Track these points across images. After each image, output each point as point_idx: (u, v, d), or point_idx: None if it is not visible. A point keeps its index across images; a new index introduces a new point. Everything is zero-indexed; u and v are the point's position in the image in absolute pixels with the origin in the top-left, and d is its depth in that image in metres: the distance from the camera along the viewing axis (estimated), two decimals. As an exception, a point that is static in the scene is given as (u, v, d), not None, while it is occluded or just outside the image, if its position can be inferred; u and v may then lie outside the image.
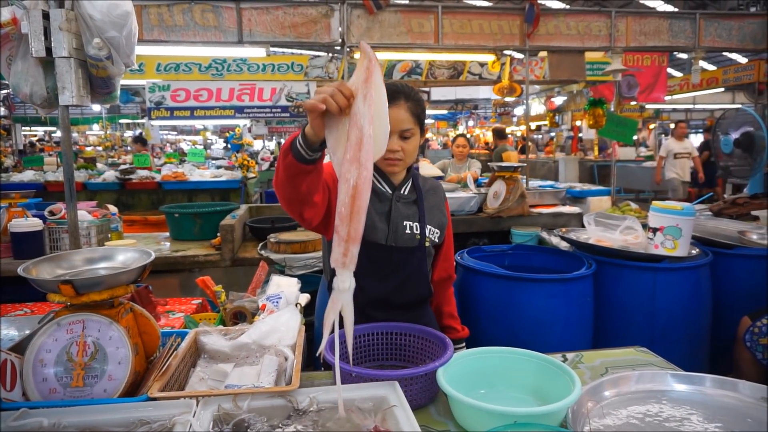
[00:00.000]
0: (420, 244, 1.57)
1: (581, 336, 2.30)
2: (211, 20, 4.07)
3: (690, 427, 1.11)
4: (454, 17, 4.47)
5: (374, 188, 1.55)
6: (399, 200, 1.59)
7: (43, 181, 6.19)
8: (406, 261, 1.56)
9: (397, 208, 1.57)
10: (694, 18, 4.85)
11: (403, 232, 1.55)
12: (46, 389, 1.12)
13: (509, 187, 3.73)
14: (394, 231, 1.55)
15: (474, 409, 1.09)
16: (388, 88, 1.44)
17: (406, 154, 1.50)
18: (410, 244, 1.56)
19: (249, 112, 6.60)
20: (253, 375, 1.26)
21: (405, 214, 1.58)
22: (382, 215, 1.56)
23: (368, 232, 1.50)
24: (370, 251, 1.51)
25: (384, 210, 1.57)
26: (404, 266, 1.56)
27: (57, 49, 1.61)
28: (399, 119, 1.46)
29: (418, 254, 1.57)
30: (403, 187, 1.61)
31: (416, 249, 1.57)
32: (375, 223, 1.53)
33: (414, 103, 1.49)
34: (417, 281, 1.59)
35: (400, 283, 1.57)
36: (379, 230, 1.54)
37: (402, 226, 1.56)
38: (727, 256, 2.60)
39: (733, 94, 11.67)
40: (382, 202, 1.57)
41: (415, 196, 1.61)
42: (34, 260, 1.21)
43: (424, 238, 1.57)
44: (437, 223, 1.63)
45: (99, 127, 15.41)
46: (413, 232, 1.56)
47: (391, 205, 1.57)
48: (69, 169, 1.79)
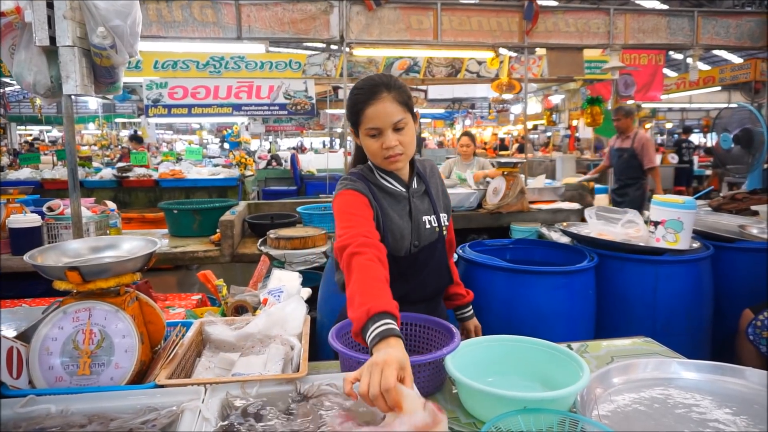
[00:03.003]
0: (440, 236, 1.54)
1: (583, 328, 2.30)
2: (209, 16, 4.06)
3: (699, 413, 1.11)
4: (453, 14, 4.48)
5: (389, 190, 1.49)
6: (414, 196, 1.52)
7: (40, 179, 6.16)
8: (429, 257, 1.52)
9: (415, 206, 1.51)
10: (692, 16, 4.87)
11: (424, 229, 1.51)
12: (53, 377, 1.12)
13: (509, 183, 3.73)
14: (417, 230, 1.50)
15: (483, 395, 1.09)
16: (365, 84, 1.40)
17: (405, 146, 1.40)
18: (431, 239, 1.52)
19: (247, 109, 6.59)
20: (259, 364, 1.26)
21: (422, 209, 1.53)
22: (404, 216, 1.49)
23: (399, 245, 1.46)
24: (399, 262, 1.47)
25: (405, 211, 1.50)
26: (428, 263, 1.52)
27: (61, 38, 1.60)
28: (387, 112, 1.36)
29: (439, 246, 1.54)
30: (413, 181, 1.54)
31: (437, 242, 1.53)
32: (402, 231, 1.46)
33: (397, 92, 1.38)
34: (439, 273, 1.56)
35: (424, 278, 1.53)
36: (406, 237, 1.47)
37: (423, 223, 1.51)
38: (727, 249, 2.61)
39: (729, 94, 11.73)
40: (400, 203, 1.50)
41: (424, 186, 1.56)
42: (40, 248, 1.20)
43: (442, 227, 1.54)
44: (444, 207, 1.60)
45: (95, 126, 15.34)
46: (432, 226, 1.53)
47: (410, 204, 1.50)
48: (72, 159, 1.78)
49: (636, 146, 4.99)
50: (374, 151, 1.41)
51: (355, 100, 1.40)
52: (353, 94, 1.41)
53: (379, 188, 1.48)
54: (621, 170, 5.17)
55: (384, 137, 1.38)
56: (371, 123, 1.37)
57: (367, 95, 1.37)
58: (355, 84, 1.44)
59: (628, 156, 5.05)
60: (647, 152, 4.97)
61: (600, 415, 1.08)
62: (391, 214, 1.46)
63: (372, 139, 1.39)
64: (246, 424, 0.95)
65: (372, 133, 1.39)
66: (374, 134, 1.39)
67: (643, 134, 5.14)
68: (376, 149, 1.40)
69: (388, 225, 1.44)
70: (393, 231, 1.44)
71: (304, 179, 9.54)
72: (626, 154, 5.08)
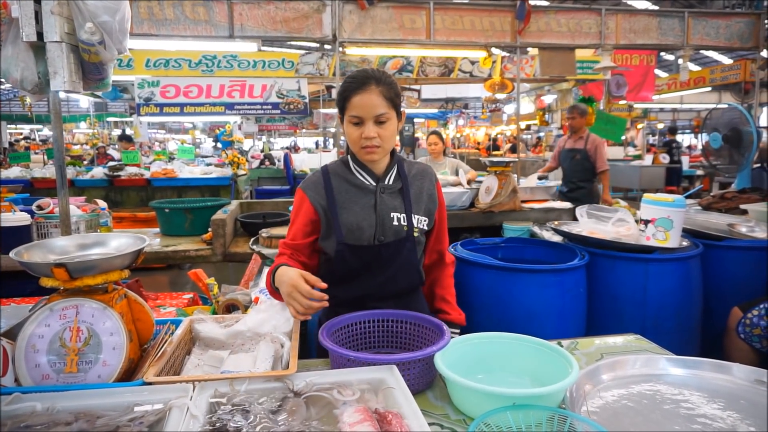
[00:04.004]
0: (408, 235, 1.53)
1: (574, 326, 2.31)
2: (201, 14, 4.04)
3: (687, 408, 1.12)
4: (446, 13, 4.48)
5: (357, 183, 1.53)
6: (384, 191, 1.54)
7: (30, 178, 6.11)
8: (395, 254, 1.53)
9: (382, 201, 1.52)
10: (682, 16, 4.91)
11: (390, 225, 1.51)
12: (39, 375, 1.11)
13: (501, 182, 3.74)
14: (381, 224, 1.51)
15: (472, 392, 1.09)
16: (358, 74, 1.46)
17: (384, 140, 1.45)
18: (398, 236, 1.52)
19: (239, 108, 6.56)
20: (249, 361, 1.25)
21: (391, 206, 1.53)
22: (369, 209, 1.52)
23: (355, 235, 1.50)
24: (360, 253, 1.51)
25: (370, 204, 1.52)
26: (394, 259, 1.53)
27: (48, 34, 1.58)
28: (372, 104, 1.41)
29: (408, 245, 1.54)
30: (387, 176, 1.55)
31: (405, 240, 1.53)
32: (359, 222, 1.50)
33: (386, 87, 1.43)
34: (407, 271, 1.56)
35: (391, 276, 1.54)
36: (366, 229, 1.50)
37: (389, 219, 1.51)
38: (717, 248, 2.63)
39: (719, 94, 11.82)
40: (366, 196, 1.53)
41: (400, 184, 1.56)
42: (26, 245, 1.18)
43: (412, 228, 1.53)
44: (425, 211, 1.58)
45: (86, 125, 15.23)
46: (401, 224, 1.52)
47: (376, 198, 1.53)
48: (60, 156, 1.76)
49: (589, 148, 4.85)
50: (354, 139, 1.47)
51: (345, 87, 1.46)
52: (345, 82, 1.47)
53: (345, 181, 1.54)
54: (572, 172, 4.97)
55: (365, 127, 1.44)
56: (355, 111, 1.43)
57: (357, 84, 1.43)
58: (350, 73, 1.50)
59: (581, 157, 4.89)
60: (600, 154, 4.84)
61: (589, 411, 1.09)
62: (349, 207, 1.52)
63: (354, 126, 1.45)
64: (234, 421, 0.94)
65: (354, 120, 1.44)
66: (356, 122, 1.44)
67: (595, 136, 4.99)
68: (356, 137, 1.45)
69: (343, 218, 1.51)
70: (348, 223, 1.50)
71: (297, 179, 9.52)
72: (579, 155, 4.91)
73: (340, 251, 1.50)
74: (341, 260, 1.51)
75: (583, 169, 4.90)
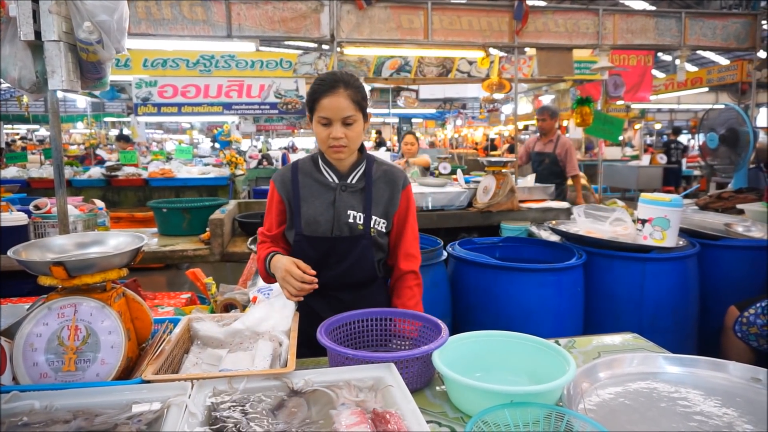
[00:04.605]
0: (365, 233, 1.60)
1: (572, 325, 2.32)
2: (199, 14, 4.03)
3: (683, 406, 1.13)
4: (444, 13, 4.48)
5: (321, 179, 1.62)
6: (345, 189, 1.61)
7: (27, 178, 6.09)
8: (350, 249, 1.60)
9: (341, 198, 1.60)
10: (679, 17, 4.92)
11: (345, 222, 1.59)
12: (37, 374, 1.11)
13: (499, 182, 3.75)
14: (338, 221, 1.59)
15: (470, 389, 1.10)
16: (327, 77, 1.54)
17: (350, 140, 1.53)
18: (354, 233, 1.59)
19: (237, 108, 6.54)
20: (247, 360, 1.26)
21: (349, 204, 1.60)
22: (328, 205, 1.60)
23: (312, 228, 1.59)
24: (316, 245, 1.59)
25: (329, 200, 1.60)
26: (349, 254, 1.60)
27: (46, 33, 1.57)
28: (340, 107, 1.49)
29: (363, 242, 1.60)
30: (351, 175, 1.63)
31: (361, 237, 1.60)
32: (317, 217, 1.59)
33: (353, 90, 1.52)
34: (362, 266, 1.62)
35: (347, 269, 1.61)
36: (323, 223, 1.59)
37: (345, 215, 1.59)
38: (713, 247, 2.64)
39: (716, 95, 11.85)
40: (327, 192, 1.61)
41: (363, 184, 1.63)
42: (24, 243, 1.18)
43: (369, 227, 1.60)
44: (382, 213, 1.63)
45: (84, 125, 15.18)
46: (356, 222, 1.59)
47: (335, 195, 1.60)
48: (58, 155, 1.76)
49: (559, 152, 4.79)
50: (322, 139, 1.55)
51: (314, 89, 1.53)
52: (315, 84, 1.55)
53: (310, 177, 1.64)
54: (543, 176, 4.81)
55: (332, 128, 1.52)
56: (324, 112, 1.51)
57: (326, 87, 1.50)
58: (319, 75, 1.57)
59: (550, 161, 4.81)
60: (570, 158, 4.77)
61: (586, 409, 1.09)
62: (310, 201, 1.61)
63: (322, 127, 1.53)
64: (232, 419, 0.95)
65: (323, 122, 1.52)
66: (325, 123, 1.52)
67: (565, 139, 4.92)
68: (324, 137, 1.54)
69: (303, 210, 1.61)
70: (307, 216, 1.60)
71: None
72: (548, 159, 4.83)
73: (298, 241, 1.61)
74: (299, 250, 1.61)
75: (551, 173, 4.80)
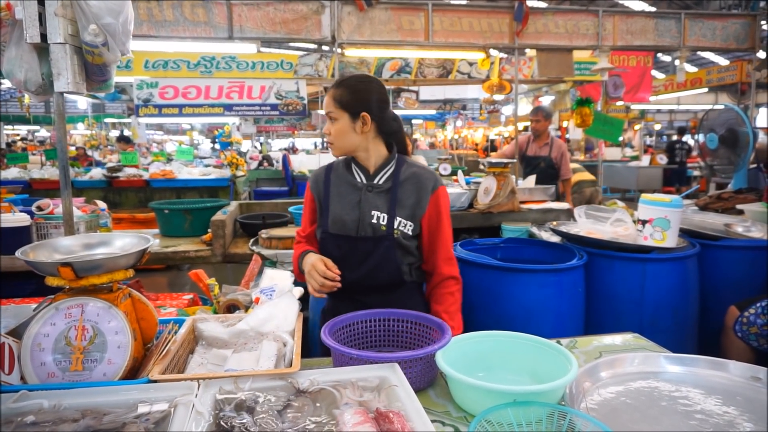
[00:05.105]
0: (387, 234, 1.60)
1: (573, 326, 2.33)
2: (201, 15, 4.05)
3: (684, 405, 1.14)
4: (444, 15, 4.50)
5: (348, 179, 1.67)
6: (371, 189, 1.64)
7: (28, 179, 6.10)
8: (372, 249, 1.61)
9: (366, 198, 1.63)
10: (679, 18, 4.94)
11: (369, 222, 1.60)
12: (45, 373, 1.12)
13: (499, 183, 3.76)
14: (362, 220, 1.60)
15: (473, 389, 1.11)
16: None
17: (333, 137, 1.61)
18: (377, 233, 1.60)
19: (238, 109, 6.56)
20: (252, 360, 1.27)
21: (374, 204, 1.62)
22: (354, 205, 1.63)
23: (338, 226, 1.62)
24: (339, 243, 1.62)
25: (356, 200, 1.63)
26: (372, 254, 1.61)
27: (52, 35, 1.59)
28: (326, 103, 1.61)
29: (386, 243, 1.60)
30: (379, 175, 1.65)
31: (383, 238, 1.60)
32: (343, 216, 1.62)
33: (338, 90, 1.59)
34: (385, 268, 1.62)
35: (371, 270, 1.62)
36: (348, 222, 1.61)
37: (369, 216, 1.60)
38: (713, 247, 2.65)
39: (716, 95, 11.87)
40: (354, 192, 1.65)
41: (390, 185, 1.64)
42: (32, 244, 1.20)
43: (392, 228, 1.60)
44: (408, 215, 1.62)
45: (84, 126, 15.19)
46: (379, 223, 1.60)
47: (361, 195, 1.63)
48: (64, 157, 1.77)
49: (554, 156, 4.75)
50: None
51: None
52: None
53: (341, 177, 1.69)
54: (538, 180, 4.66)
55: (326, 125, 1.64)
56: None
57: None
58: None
59: (546, 165, 4.75)
60: (565, 161, 4.75)
61: (588, 408, 1.10)
62: (338, 200, 1.66)
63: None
64: (239, 418, 0.96)
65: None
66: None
67: (560, 142, 4.88)
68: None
69: (331, 209, 1.66)
70: (333, 214, 1.65)
71: (295, 180, 9.53)
72: (543, 162, 4.77)
73: (324, 239, 1.67)
74: (324, 248, 1.67)
75: (547, 176, 4.73)
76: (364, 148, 1.64)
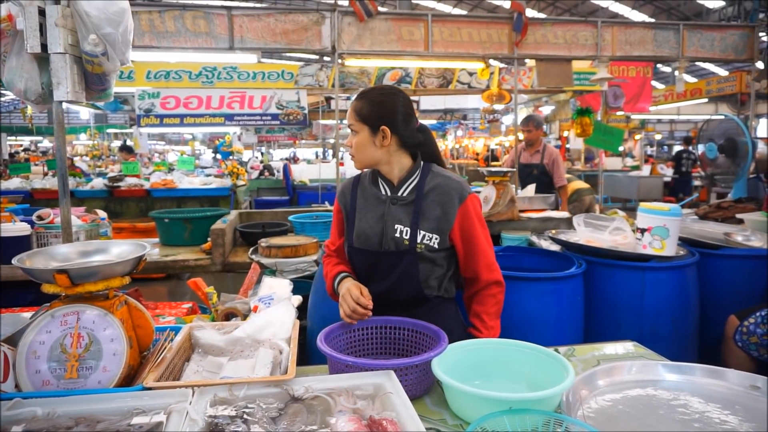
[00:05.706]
0: (410, 248, 1.53)
1: (572, 334, 2.32)
2: (202, 26, 4.08)
3: (682, 413, 1.13)
4: (444, 25, 4.53)
5: (374, 192, 1.63)
6: (395, 202, 1.58)
7: (30, 189, 6.12)
8: (395, 264, 1.55)
9: (390, 212, 1.57)
10: (677, 29, 4.97)
11: (392, 236, 1.55)
12: (40, 381, 1.11)
13: (499, 192, 3.76)
14: (386, 235, 1.56)
15: (469, 396, 1.10)
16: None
17: (354, 148, 1.58)
18: (399, 248, 1.54)
19: (239, 119, 6.60)
20: (248, 367, 1.26)
21: (397, 217, 1.56)
22: (378, 218, 1.58)
23: (361, 240, 1.59)
24: (363, 257, 1.60)
25: (380, 213, 1.59)
26: (393, 269, 1.56)
27: (52, 45, 1.61)
28: (348, 115, 1.59)
29: (408, 258, 1.54)
30: (403, 186, 1.59)
31: (406, 253, 1.54)
32: (366, 230, 1.59)
33: (359, 102, 1.56)
34: (406, 283, 1.56)
35: (392, 285, 1.57)
36: (372, 236, 1.58)
37: (392, 230, 1.55)
38: (713, 256, 2.65)
39: (716, 105, 11.91)
40: (379, 205, 1.60)
41: (413, 197, 1.57)
42: (28, 252, 1.20)
43: (415, 242, 1.53)
44: (434, 227, 1.55)
45: (87, 137, 15.28)
46: (402, 237, 1.54)
47: (385, 208, 1.58)
48: (63, 165, 1.78)
49: (547, 163, 4.71)
50: None
51: None
52: None
53: (367, 190, 1.66)
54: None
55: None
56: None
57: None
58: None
59: (539, 172, 4.71)
60: (558, 168, 4.72)
61: (585, 416, 1.10)
62: (363, 213, 1.63)
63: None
64: (233, 426, 0.95)
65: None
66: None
67: (552, 149, 4.85)
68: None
69: (357, 223, 1.63)
70: (358, 229, 1.62)
71: (296, 189, 9.55)
72: (536, 170, 4.73)
73: (349, 253, 1.66)
74: (351, 261, 1.67)
75: (540, 183, 4.66)
76: (386, 161, 1.58)
